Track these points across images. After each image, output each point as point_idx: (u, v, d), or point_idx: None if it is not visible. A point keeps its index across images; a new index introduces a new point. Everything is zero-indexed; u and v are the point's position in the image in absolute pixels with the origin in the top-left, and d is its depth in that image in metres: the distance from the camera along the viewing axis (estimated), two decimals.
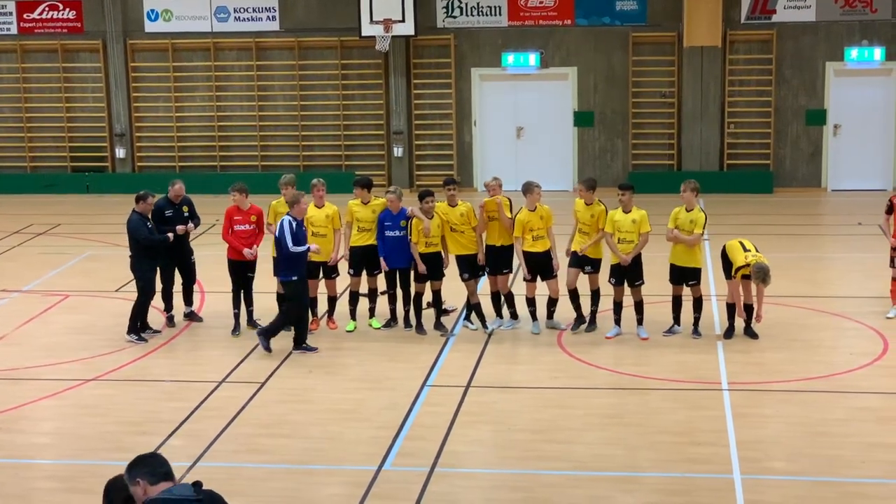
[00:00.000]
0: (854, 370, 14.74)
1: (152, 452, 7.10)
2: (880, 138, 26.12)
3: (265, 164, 26.87)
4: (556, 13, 26.35)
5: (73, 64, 27.82)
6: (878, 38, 25.67)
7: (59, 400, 14.25)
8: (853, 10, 25.62)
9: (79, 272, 20.34)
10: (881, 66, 25.83)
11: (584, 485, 11.56)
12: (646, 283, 16.09)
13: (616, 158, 26.54)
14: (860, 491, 11.27)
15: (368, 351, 15.94)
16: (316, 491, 11.58)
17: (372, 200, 16.48)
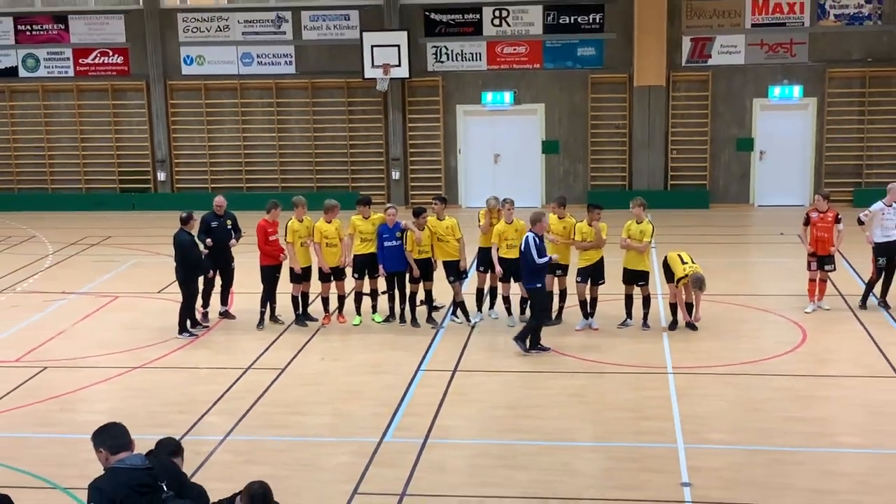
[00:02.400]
0: (777, 356, 14.77)
1: (114, 423, 7.18)
2: (799, 162, 26.18)
3: (284, 185, 26.83)
4: (527, 58, 26.39)
5: (120, 101, 27.76)
6: (796, 78, 25.75)
7: (110, 384, 14.24)
8: (775, 54, 25.71)
9: (126, 277, 20.29)
10: (799, 102, 25.90)
11: (552, 453, 11.58)
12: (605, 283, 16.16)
13: (577, 180, 26.57)
14: (782, 458, 11.33)
15: (371, 341, 15.94)
16: (327, 460, 11.57)
17: (372, 216, 16.51)
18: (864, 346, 15.08)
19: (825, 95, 25.76)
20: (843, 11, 25.48)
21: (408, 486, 10.75)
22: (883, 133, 25.86)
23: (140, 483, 6.76)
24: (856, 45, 25.59)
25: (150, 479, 6.81)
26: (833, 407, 13.04)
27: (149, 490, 6.76)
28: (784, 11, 25.59)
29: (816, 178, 25.80)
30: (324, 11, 26.75)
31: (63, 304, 18.35)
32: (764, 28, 25.71)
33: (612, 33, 26.04)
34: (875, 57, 25.49)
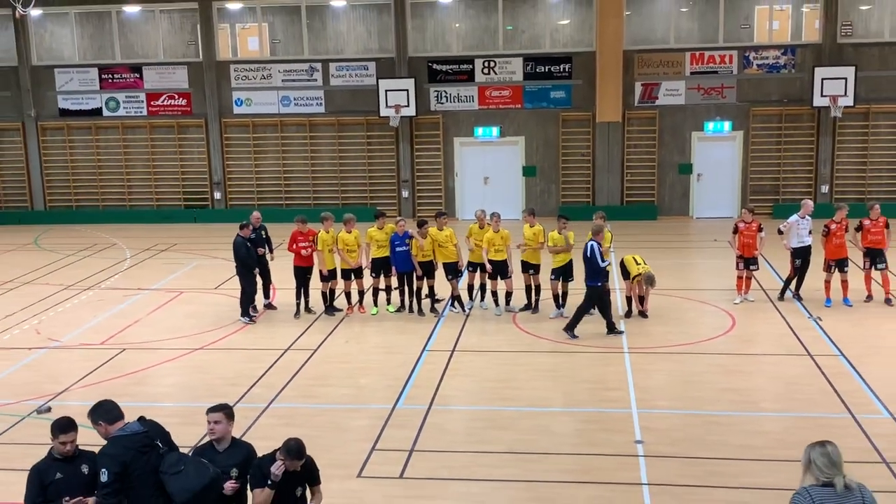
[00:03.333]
0: (712, 339, 14.79)
1: (106, 399, 7.10)
2: (728, 182, 26.17)
3: (315, 202, 26.83)
4: (510, 100, 26.39)
5: (184, 135, 27.77)
6: (726, 115, 25.77)
7: (176, 363, 14.24)
8: (709, 96, 25.72)
9: (189, 276, 20.30)
10: (728, 134, 25.91)
11: (531, 417, 11.59)
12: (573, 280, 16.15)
13: (551, 197, 26.57)
14: (715, 420, 11.34)
15: (385, 327, 15.94)
16: (350, 422, 11.58)
17: (385, 226, 16.53)
18: (782, 330, 15.09)
19: (749, 129, 25.77)
20: (764, 62, 25.51)
21: (415, 443, 10.76)
22: (796, 159, 25.87)
23: (141, 445, 6.80)
24: (774, 89, 25.60)
25: (147, 440, 6.85)
26: (756, 379, 13.05)
27: (149, 449, 6.81)
28: (716, 62, 25.61)
29: (743, 195, 25.80)
30: (347, 63, 26.77)
31: (138, 298, 18.36)
32: (700, 75, 25.72)
33: (579, 80, 26.05)
34: (789, 98, 25.49)
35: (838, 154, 25.56)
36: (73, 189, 28.40)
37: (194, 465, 6.84)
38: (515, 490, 9.57)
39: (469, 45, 26.56)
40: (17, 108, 28.00)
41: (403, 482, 9.84)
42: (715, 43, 25.63)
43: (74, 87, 27.73)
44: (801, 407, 11.75)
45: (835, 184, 25.58)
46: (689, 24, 26.01)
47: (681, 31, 25.93)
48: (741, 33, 25.75)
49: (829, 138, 25.39)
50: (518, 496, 9.44)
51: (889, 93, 25.10)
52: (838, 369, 13.06)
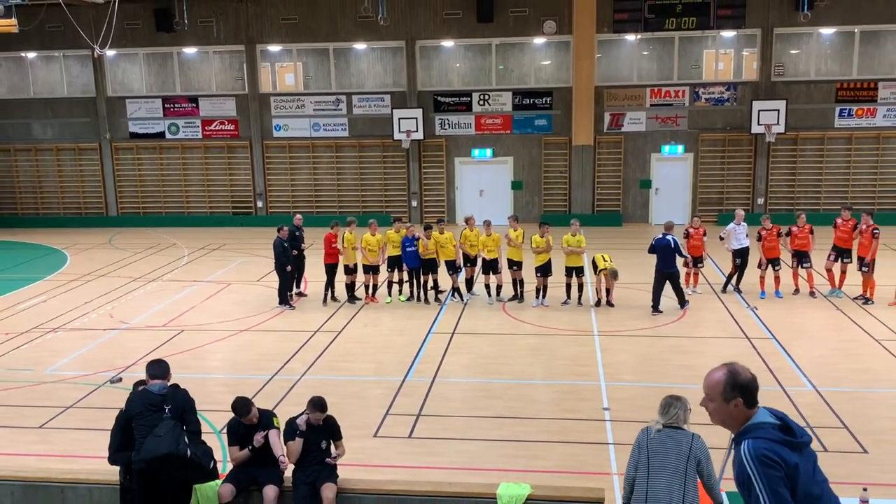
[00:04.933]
0: (668, 323, 14.76)
1: (160, 359, 7.11)
2: (681, 195, 26.08)
3: (340, 209, 26.76)
4: (501, 127, 26.33)
5: (233, 154, 27.73)
6: (679, 140, 25.70)
7: (224, 342, 14.23)
8: (665, 124, 25.67)
9: (236, 271, 20.28)
10: (681, 156, 25.85)
11: (517, 388, 11.58)
12: (552, 276, 16.15)
13: (534, 206, 26.52)
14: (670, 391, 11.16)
15: (398, 314, 15.89)
16: (369, 391, 11.57)
17: (401, 230, 16.51)
18: (725, 317, 15.06)
19: (698, 152, 25.70)
20: (711, 96, 25.44)
21: (421, 409, 10.75)
22: (737, 176, 25.79)
23: (151, 403, 6.73)
24: (719, 119, 25.53)
25: (159, 401, 6.73)
26: (704, 357, 13.00)
27: (155, 409, 6.69)
28: (671, 96, 25.55)
29: (692, 206, 25.74)
30: (367, 95, 26.70)
31: (194, 288, 18.35)
32: (658, 107, 25.67)
33: (558, 110, 25.99)
34: (732, 126, 25.43)
35: (772, 172, 25.49)
36: (140, 198, 28.36)
37: (171, 435, 6.55)
38: (504, 448, 9.56)
39: (467, 81, 26.51)
40: (95, 131, 27.99)
41: (412, 441, 9.83)
42: (670, 80, 25.58)
43: (142, 115, 27.71)
44: None
45: (769, 197, 25.52)
46: (649, 65, 25.95)
47: (642, 70, 25.88)
48: (692, 72, 25.69)
49: (764, 159, 25.33)
50: (507, 453, 9.43)
51: (814, 122, 25.02)
52: (771, 350, 13.05)
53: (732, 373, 3.90)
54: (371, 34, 25.99)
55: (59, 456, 9.49)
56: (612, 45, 25.79)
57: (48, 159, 28.51)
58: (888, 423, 10.00)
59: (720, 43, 25.50)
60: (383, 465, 9.08)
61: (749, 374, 3.94)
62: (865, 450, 9.20)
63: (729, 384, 3.86)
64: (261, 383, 11.75)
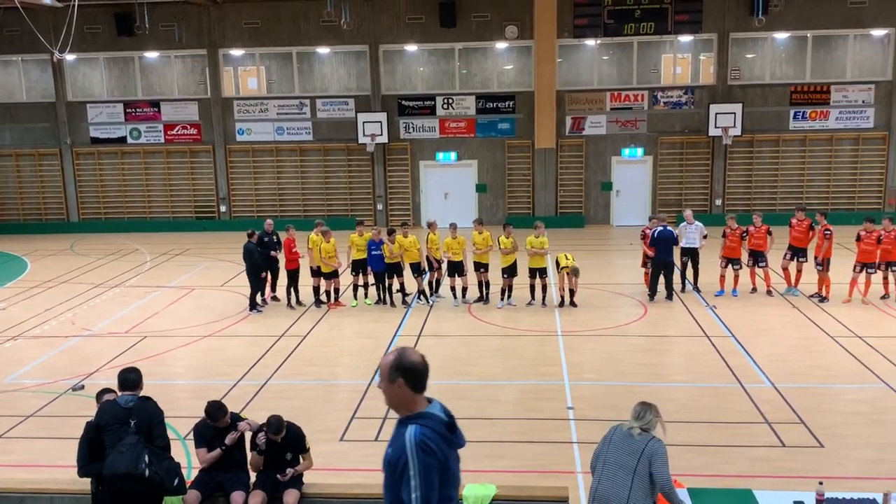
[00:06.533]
0: (629, 323, 14.88)
1: (132, 367, 6.88)
2: (640, 197, 26.36)
3: (305, 214, 26.63)
4: (465, 130, 26.38)
5: (195, 159, 27.41)
6: (639, 143, 25.98)
7: (188, 348, 14.03)
8: (626, 128, 25.93)
9: (200, 275, 20.03)
10: (641, 159, 26.12)
11: (482, 389, 11.57)
12: (517, 276, 16.21)
13: (499, 209, 26.61)
14: (632, 389, 11.37)
15: (364, 317, 15.81)
16: (335, 395, 11.49)
17: (364, 234, 16.44)
18: (685, 317, 15.22)
19: (658, 154, 26.00)
20: (669, 100, 25.76)
21: (389, 411, 10.65)
22: (695, 178, 26.14)
23: (117, 416, 6.52)
24: (677, 122, 25.86)
25: (124, 414, 6.52)
26: (665, 356, 13.16)
27: (121, 423, 6.48)
28: (631, 100, 25.82)
29: (652, 207, 26.01)
30: (331, 99, 26.58)
31: (157, 294, 18.09)
32: (618, 111, 25.91)
33: (521, 114, 26.12)
34: (689, 129, 25.77)
35: (729, 174, 25.88)
36: (102, 203, 27.90)
37: (132, 453, 6.33)
38: (471, 449, 9.39)
39: (431, 85, 26.52)
40: (56, 136, 27.49)
41: (378, 444, 9.76)
42: (630, 84, 25.84)
43: (103, 119, 27.27)
44: (700, 378, 11.86)
45: (726, 198, 25.89)
46: (609, 70, 26.20)
47: (602, 75, 26.11)
48: (651, 77, 25.99)
49: (721, 161, 25.70)
50: (472, 454, 9.35)
51: (769, 124, 25.47)
52: (730, 347, 13.21)
53: (399, 355, 3.95)
54: (334, 38, 25.88)
55: (19, 466, 9.27)
56: (573, 49, 25.99)
57: (8, 165, 27.93)
58: (843, 417, 10.18)
59: (678, 48, 25.83)
60: (349, 469, 9.00)
61: (416, 359, 3.95)
62: (822, 444, 9.36)
63: (394, 365, 3.90)
64: (226, 388, 11.60)
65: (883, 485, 7.23)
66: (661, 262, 16.11)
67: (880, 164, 25.32)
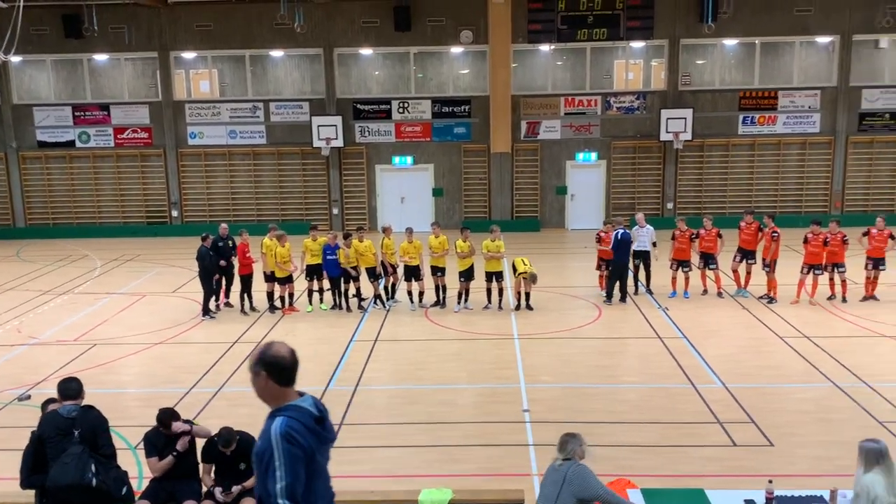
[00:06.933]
0: (583, 326, 15.01)
1: (72, 377, 6.71)
2: (594, 201, 26.60)
3: (259, 219, 26.34)
4: (421, 134, 26.38)
5: (146, 163, 26.93)
6: (593, 147, 26.25)
7: (139, 355, 13.77)
8: (580, 133, 26.17)
9: (151, 281, 19.67)
10: (595, 163, 26.38)
11: (439, 393, 11.56)
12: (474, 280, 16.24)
13: (455, 213, 26.64)
14: (586, 391, 11.50)
15: (320, 322, 15.70)
16: None
17: (318, 238, 16.33)
18: (638, 318, 15.41)
19: (611, 158, 26.29)
20: (622, 105, 26.08)
21: (344, 418, 10.62)
22: (647, 182, 26.48)
23: (60, 427, 6.35)
24: (629, 126, 26.19)
25: (67, 424, 6.35)
26: (619, 357, 13.30)
27: (64, 434, 6.32)
28: (585, 105, 26.07)
29: (606, 211, 26.30)
30: (285, 102, 26.36)
31: (107, 301, 17.72)
32: (572, 115, 26.15)
33: (476, 118, 26.20)
34: (642, 134, 26.11)
35: (680, 178, 26.30)
36: (50, 208, 27.24)
37: (77, 464, 6.20)
38: (428, 453, 9.53)
39: (387, 89, 26.47)
40: (1, 140, 26.78)
41: (334, 450, 9.66)
42: (583, 90, 26.10)
43: (51, 123, 26.64)
44: (653, 379, 12.01)
45: (677, 201, 26.30)
46: (563, 75, 26.44)
47: (556, 80, 26.34)
48: (604, 82, 26.29)
49: (672, 165, 26.11)
50: (430, 458, 9.40)
51: (719, 129, 25.94)
52: (682, 348, 13.40)
53: (266, 348, 3.96)
54: (288, 41, 25.68)
55: None
56: (528, 54, 26.17)
57: None
58: (793, 416, 10.40)
59: (630, 53, 26.18)
60: None
61: (282, 352, 3.94)
62: (771, 443, 9.54)
63: (258, 358, 3.92)
64: (178, 396, 11.40)
65: (830, 481, 7.39)
66: (620, 265, 16.31)
67: (826, 167, 25.97)
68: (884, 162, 25.89)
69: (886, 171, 25.95)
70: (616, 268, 16.36)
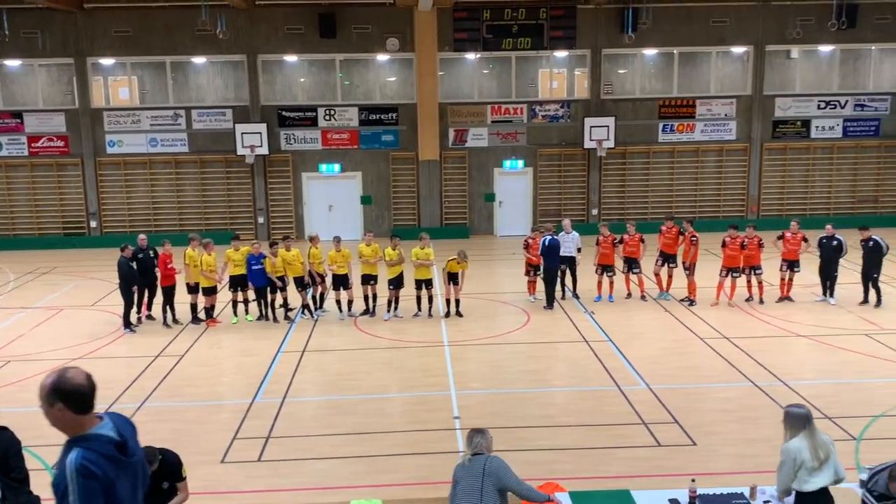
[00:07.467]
0: (513, 331, 15.11)
1: None
2: (522, 207, 26.87)
3: (181, 228, 25.70)
4: (348, 142, 26.19)
5: (63, 172, 25.99)
6: (519, 155, 26.53)
7: None
8: (507, 140, 26.42)
9: (69, 295, 18.97)
10: (521, 170, 26.66)
11: (370, 403, 11.46)
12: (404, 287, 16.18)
13: (384, 221, 26.53)
14: (517, 396, 11.56)
15: (245, 334, 15.39)
16: (215, 417, 11.08)
17: (240, 248, 16.03)
18: (566, 323, 15.61)
19: (537, 166, 26.62)
20: (547, 113, 26.45)
21: (271, 431, 10.43)
22: (572, 188, 26.89)
23: None
24: (554, 134, 26.57)
25: None
26: (548, 362, 13.43)
27: None
28: (511, 113, 26.35)
29: (533, 217, 26.59)
30: (207, 109, 25.83)
31: (22, 315, 17.00)
32: (499, 124, 26.39)
33: (404, 126, 26.18)
34: (566, 141, 26.51)
35: (604, 184, 26.80)
36: None
37: None
38: (357, 465, 9.43)
39: (312, 96, 26.21)
40: None
41: (261, 464, 9.51)
42: (509, 98, 26.38)
43: None
44: (581, 382, 12.17)
45: (602, 207, 26.80)
46: (489, 83, 26.68)
47: (483, 88, 26.55)
48: (529, 91, 26.63)
49: (596, 172, 26.60)
50: (359, 469, 9.30)
51: (640, 137, 26.56)
52: (607, 351, 13.64)
53: (59, 378, 3.81)
54: (210, 48, 25.18)
55: None
56: (454, 63, 26.31)
57: None
58: (714, 415, 10.68)
59: (554, 63, 26.59)
60: (231, 492, 8.71)
61: (79, 381, 3.78)
62: (694, 442, 9.77)
63: (52, 389, 3.78)
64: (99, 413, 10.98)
65: (750, 478, 7.60)
66: (552, 270, 16.50)
67: (742, 173, 26.86)
68: (796, 168, 26.94)
69: (799, 176, 27.00)
70: (548, 273, 16.56)
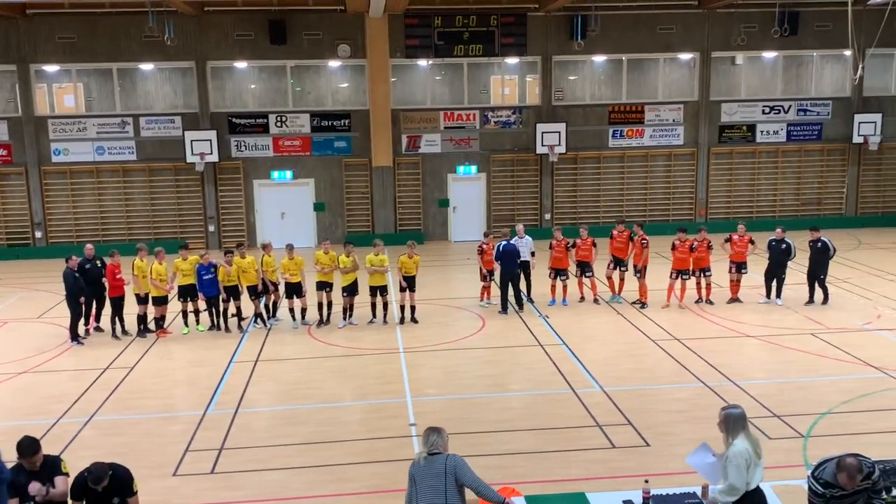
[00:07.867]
0: (468, 336, 15.12)
1: None
2: (476, 213, 26.91)
3: (130, 238, 25.17)
4: (300, 148, 25.98)
5: (6, 182, 25.29)
6: (473, 161, 26.59)
7: (2, 385, 12.84)
8: (460, 146, 26.48)
9: (13, 307, 18.44)
10: (475, 176, 26.73)
11: (325, 412, 11.37)
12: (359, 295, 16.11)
13: (338, 228, 26.35)
14: (473, 401, 11.57)
15: (196, 344, 15.13)
16: (166, 429, 10.85)
17: (189, 257, 15.77)
18: (520, 327, 15.67)
19: (490, 171, 26.73)
20: (499, 119, 26.59)
21: (224, 442, 10.27)
22: (525, 193, 27.04)
23: None
24: (507, 140, 26.72)
25: None
26: (504, 367, 13.45)
27: None
28: (463, 119, 26.42)
29: (487, 223, 26.69)
30: (156, 117, 25.38)
31: None
32: (452, 130, 26.45)
33: (357, 132, 26.06)
34: (519, 147, 26.68)
35: (556, 189, 27.03)
36: None
37: None
38: (312, 474, 9.33)
39: (263, 103, 25.96)
40: None
41: (214, 476, 9.34)
42: (462, 104, 26.46)
43: None
44: (536, 386, 12.23)
45: (554, 212, 27.02)
46: (441, 90, 26.72)
47: (435, 94, 26.59)
48: (481, 97, 26.74)
49: (549, 177, 26.82)
50: (314, 479, 9.20)
51: (591, 142, 26.85)
52: (562, 355, 13.72)
53: None
54: (158, 54, 24.77)
55: None
56: (406, 69, 26.30)
57: None
58: (666, 416, 10.82)
59: (505, 69, 26.76)
60: None
61: None
62: (648, 443, 9.89)
63: None
64: (44, 428, 10.69)
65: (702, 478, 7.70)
66: (507, 275, 16.58)
67: (690, 178, 27.34)
68: (742, 171, 27.52)
69: (745, 180, 27.59)
70: (504, 278, 16.63)
